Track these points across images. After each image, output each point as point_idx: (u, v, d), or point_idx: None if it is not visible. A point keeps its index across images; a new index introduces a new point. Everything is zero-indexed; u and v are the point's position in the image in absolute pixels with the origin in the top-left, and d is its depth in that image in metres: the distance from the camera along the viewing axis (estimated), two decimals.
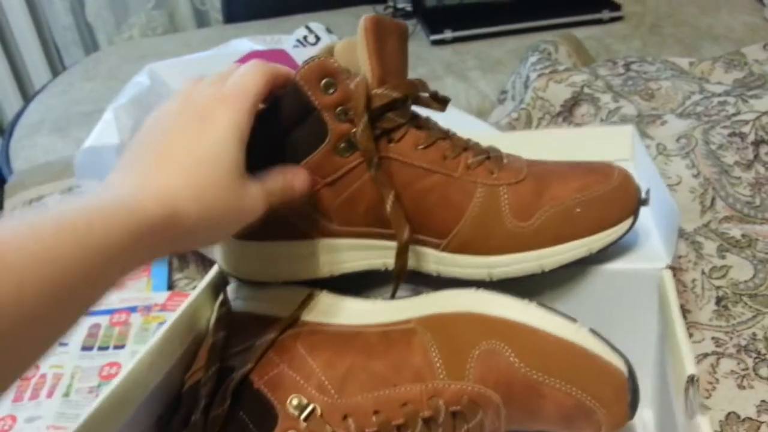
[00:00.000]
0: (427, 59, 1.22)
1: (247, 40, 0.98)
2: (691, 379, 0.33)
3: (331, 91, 0.37)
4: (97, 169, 0.69)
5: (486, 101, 1.02)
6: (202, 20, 1.85)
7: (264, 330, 0.40)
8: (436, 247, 0.42)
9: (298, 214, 0.41)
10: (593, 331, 0.38)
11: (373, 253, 0.43)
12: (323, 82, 0.37)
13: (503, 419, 0.38)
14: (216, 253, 0.45)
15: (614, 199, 0.42)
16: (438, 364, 0.37)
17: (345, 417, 0.37)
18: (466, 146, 0.42)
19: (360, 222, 0.41)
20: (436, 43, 1.31)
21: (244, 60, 0.92)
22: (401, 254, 0.40)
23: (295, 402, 0.37)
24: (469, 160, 0.41)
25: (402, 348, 0.39)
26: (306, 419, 0.36)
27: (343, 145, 0.39)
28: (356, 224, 0.41)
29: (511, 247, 0.41)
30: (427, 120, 0.42)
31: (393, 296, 0.43)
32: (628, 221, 0.43)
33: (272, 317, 0.42)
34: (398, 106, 0.39)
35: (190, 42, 1.46)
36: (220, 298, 0.44)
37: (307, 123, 0.38)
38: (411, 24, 1.44)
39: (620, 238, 0.43)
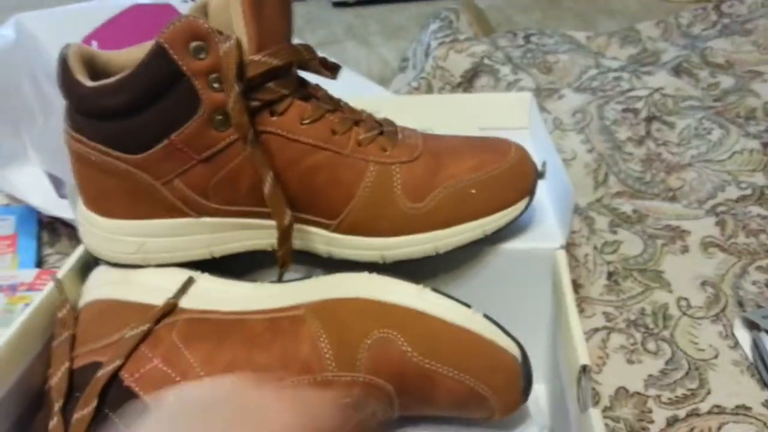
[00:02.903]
0: (328, 21, 1.18)
1: None
2: (584, 369, 0.33)
3: (202, 56, 0.33)
4: None
5: (388, 68, 0.99)
6: None
7: (136, 320, 0.36)
8: (326, 227, 0.39)
9: (170, 190, 0.36)
10: (487, 317, 0.36)
11: (259, 233, 0.40)
12: (192, 45, 0.33)
13: (396, 407, 0.37)
14: (80, 233, 0.40)
15: (510, 179, 0.41)
16: (327, 356, 0.35)
17: None
18: (359, 119, 0.39)
19: (242, 201, 0.38)
20: (337, 5, 1.26)
21: (126, 14, 0.84)
22: (283, 241, 0.37)
23: None
24: (360, 136, 0.38)
25: (289, 338, 0.36)
26: None
27: (219, 117, 0.34)
28: (238, 203, 0.38)
29: (405, 228, 0.39)
30: (317, 89, 0.39)
31: (280, 281, 0.40)
32: (524, 201, 0.41)
33: (146, 305, 0.37)
34: (280, 75, 0.35)
35: None
36: (62, 297, 0.39)
37: (175, 91, 0.34)
38: None
39: (516, 219, 0.42)
